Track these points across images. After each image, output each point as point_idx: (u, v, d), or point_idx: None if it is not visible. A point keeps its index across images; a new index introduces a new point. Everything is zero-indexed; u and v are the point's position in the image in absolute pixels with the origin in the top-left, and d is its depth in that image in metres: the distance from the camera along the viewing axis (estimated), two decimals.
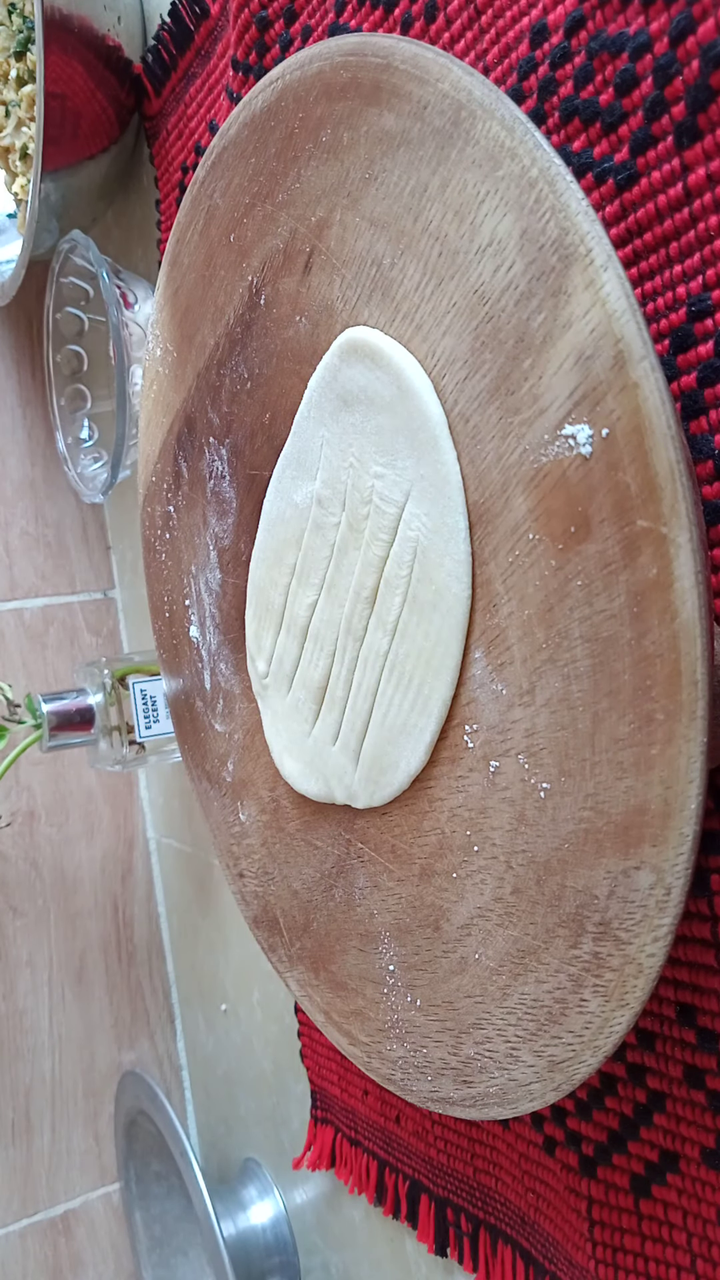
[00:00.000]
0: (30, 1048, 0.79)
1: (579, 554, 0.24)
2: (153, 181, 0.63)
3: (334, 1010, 0.39)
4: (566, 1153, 0.36)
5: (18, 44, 0.64)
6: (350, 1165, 0.53)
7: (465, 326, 0.27)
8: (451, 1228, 0.45)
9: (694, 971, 0.31)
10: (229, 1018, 0.73)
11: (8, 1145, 0.77)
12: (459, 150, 0.26)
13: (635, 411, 0.22)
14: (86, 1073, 0.81)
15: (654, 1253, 0.33)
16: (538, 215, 0.24)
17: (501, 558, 0.27)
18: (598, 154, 0.30)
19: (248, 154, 0.36)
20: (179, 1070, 0.85)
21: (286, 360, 0.36)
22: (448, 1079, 0.32)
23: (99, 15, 0.56)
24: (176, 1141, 0.60)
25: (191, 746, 0.47)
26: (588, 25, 0.30)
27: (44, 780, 0.82)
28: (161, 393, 0.44)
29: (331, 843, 0.37)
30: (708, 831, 0.30)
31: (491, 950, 0.29)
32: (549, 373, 0.24)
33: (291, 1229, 0.64)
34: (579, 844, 0.25)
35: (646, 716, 0.23)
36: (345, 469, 0.33)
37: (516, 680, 0.27)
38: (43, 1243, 0.77)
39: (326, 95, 0.31)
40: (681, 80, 0.27)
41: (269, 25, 0.45)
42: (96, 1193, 0.80)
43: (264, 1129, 0.68)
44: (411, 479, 0.30)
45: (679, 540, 0.22)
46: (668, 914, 0.23)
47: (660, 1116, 0.33)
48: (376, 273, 0.30)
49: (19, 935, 0.80)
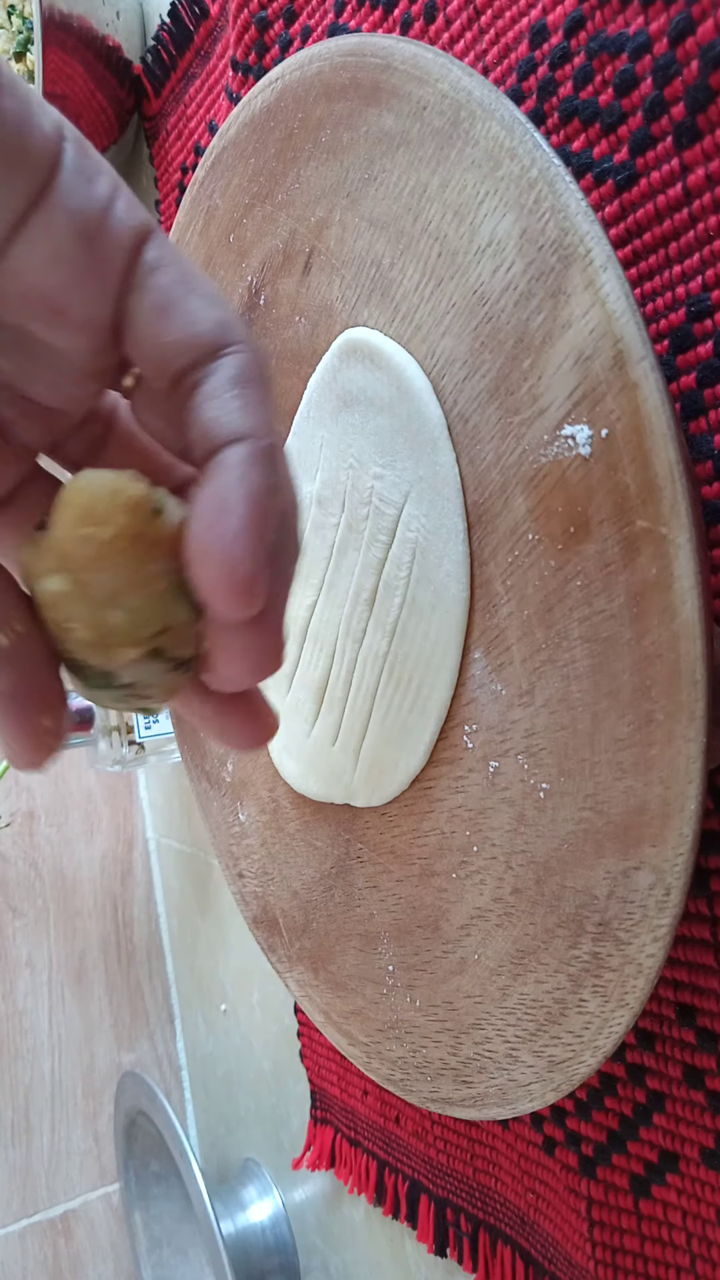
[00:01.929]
0: (30, 1048, 0.79)
1: (578, 554, 0.24)
2: (153, 182, 0.63)
3: (333, 1010, 0.39)
4: (566, 1153, 0.36)
5: (17, 45, 0.64)
6: (350, 1165, 0.53)
7: (465, 327, 0.27)
8: (451, 1228, 0.45)
9: (694, 971, 0.31)
10: (229, 1018, 0.73)
11: (7, 1145, 0.77)
12: (458, 151, 0.26)
13: (635, 412, 0.22)
14: (86, 1073, 0.81)
15: (653, 1253, 0.33)
16: (537, 216, 0.24)
17: (501, 558, 0.27)
18: (597, 154, 0.30)
19: (247, 154, 0.36)
20: (179, 1070, 0.85)
21: (286, 360, 0.36)
22: (447, 1079, 0.32)
23: (98, 15, 0.56)
24: (176, 1141, 0.60)
25: (191, 746, 0.47)
26: (587, 25, 0.30)
27: (44, 780, 0.82)
28: None
29: (331, 843, 0.37)
30: (707, 831, 0.30)
31: (491, 950, 0.29)
32: (548, 373, 0.24)
33: (291, 1229, 0.64)
34: (578, 844, 0.25)
35: (646, 717, 0.23)
36: (344, 469, 0.33)
37: (516, 680, 0.27)
38: (42, 1243, 0.77)
39: (326, 96, 0.31)
40: (681, 81, 0.27)
41: (268, 25, 0.45)
42: (96, 1193, 0.80)
43: (264, 1129, 0.68)
44: (411, 480, 0.30)
45: (678, 540, 0.22)
46: (667, 914, 0.23)
47: (660, 1117, 0.33)
48: (376, 273, 0.30)
49: (19, 935, 0.80)
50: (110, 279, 0.18)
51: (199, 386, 0.18)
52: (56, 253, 0.17)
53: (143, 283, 0.18)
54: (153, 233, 0.19)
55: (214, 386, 0.18)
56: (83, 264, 0.18)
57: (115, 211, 0.18)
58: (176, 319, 0.18)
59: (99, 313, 0.18)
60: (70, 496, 0.18)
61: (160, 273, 0.18)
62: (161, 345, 0.18)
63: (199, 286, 0.19)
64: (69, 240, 0.17)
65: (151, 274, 0.18)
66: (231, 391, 0.18)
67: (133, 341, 0.19)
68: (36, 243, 0.17)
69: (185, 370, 0.19)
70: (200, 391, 0.18)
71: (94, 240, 0.18)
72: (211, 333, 0.18)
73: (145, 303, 0.18)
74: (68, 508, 0.18)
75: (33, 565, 0.19)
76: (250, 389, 0.18)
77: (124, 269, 0.18)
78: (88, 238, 0.18)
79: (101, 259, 0.18)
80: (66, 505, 0.18)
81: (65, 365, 0.20)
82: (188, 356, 0.18)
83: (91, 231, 0.18)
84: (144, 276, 0.18)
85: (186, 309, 0.18)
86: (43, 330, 0.19)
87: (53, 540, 0.18)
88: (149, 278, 0.18)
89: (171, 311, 0.18)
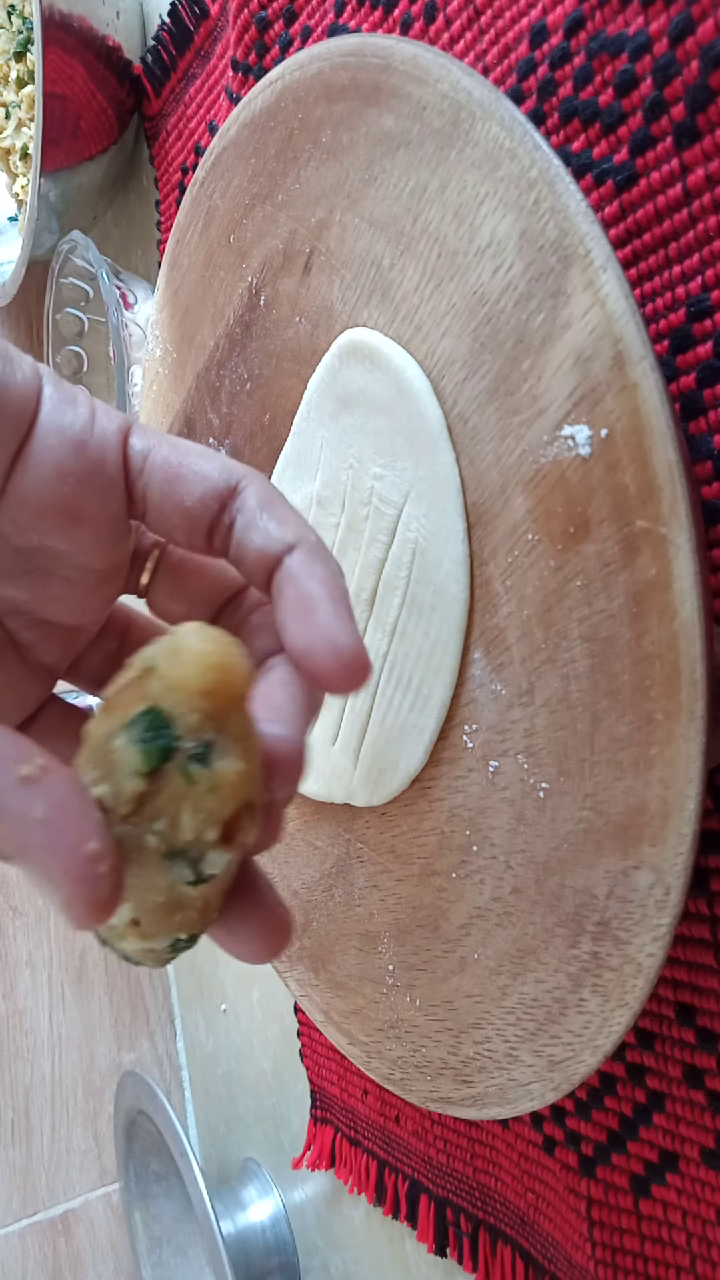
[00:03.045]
0: (30, 1048, 0.79)
1: (578, 554, 0.24)
2: (153, 182, 0.63)
3: (333, 1010, 0.39)
4: (566, 1153, 0.36)
5: (18, 45, 0.64)
6: (350, 1165, 0.53)
7: (464, 327, 0.27)
8: (451, 1228, 0.45)
9: (694, 971, 0.31)
10: (229, 1017, 0.73)
11: (8, 1145, 0.77)
12: (458, 151, 0.26)
13: (634, 412, 0.22)
14: (86, 1073, 0.81)
15: (653, 1253, 0.33)
16: (537, 216, 0.24)
17: (500, 558, 0.27)
18: (597, 155, 0.30)
19: (247, 155, 0.36)
20: (179, 1070, 0.85)
21: (286, 361, 0.36)
22: (447, 1078, 0.32)
23: (98, 15, 0.56)
24: (176, 1141, 0.60)
25: None
26: (587, 26, 0.30)
27: None
28: (161, 393, 0.44)
29: (331, 843, 0.37)
30: (707, 831, 0.30)
31: (490, 950, 0.29)
32: (548, 373, 0.24)
33: (291, 1229, 0.64)
34: (578, 844, 0.25)
35: (645, 716, 0.23)
36: (344, 470, 0.33)
37: (515, 680, 0.27)
38: (43, 1243, 0.77)
39: (326, 96, 0.31)
40: (681, 81, 0.27)
41: (269, 26, 0.45)
42: (96, 1193, 0.80)
43: (264, 1129, 0.68)
44: (410, 480, 0.30)
45: (678, 540, 0.22)
46: (667, 914, 0.23)
47: (659, 1116, 0.33)
48: (376, 273, 0.30)
49: (19, 935, 0.80)
50: (110, 474, 0.21)
51: (234, 524, 0.21)
52: (58, 469, 0.20)
53: (143, 467, 0.21)
54: (132, 426, 0.22)
55: (249, 518, 0.21)
56: (84, 470, 0.20)
57: (98, 420, 0.21)
58: (189, 482, 0.21)
59: (110, 505, 0.21)
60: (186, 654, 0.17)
61: (154, 453, 0.21)
62: (186, 509, 0.21)
63: (189, 449, 0.21)
64: (66, 455, 0.20)
65: (147, 457, 0.21)
66: (265, 515, 0.21)
67: (156, 516, 0.21)
68: (38, 466, 0.20)
69: (215, 519, 0.21)
70: (239, 527, 0.21)
71: (86, 448, 0.20)
72: (222, 480, 0.21)
73: (155, 481, 0.21)
74: (185, 665, 0.17)
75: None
76: (277, 506, 0.21)
77: (119, 461, 0.21)
78: (80, 448, 0.20)
79: (98, 460, 0.21)
80: (183, 663, 0.17)
81: (81, 577, 0.22)
82: (213, 507, 0.21)
83: (82, 442, 0.20)
84: (141, 461, 0.21)
85: (192, 471, 0.21)
86: (63, 540, 0.21)
87: (175, 691, 0.17)
88: (147, 461, 0.21)
89: (181, 478, 0.21)
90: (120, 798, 0.17)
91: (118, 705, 0.18)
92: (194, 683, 0.17)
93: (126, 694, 0.18)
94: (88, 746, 0.18)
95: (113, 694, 0.18)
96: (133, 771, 0.17)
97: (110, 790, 0.17)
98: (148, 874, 0.18)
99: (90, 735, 0.18)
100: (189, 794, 0.17)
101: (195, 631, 0.18)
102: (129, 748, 0.17)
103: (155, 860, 0.18)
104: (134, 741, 0.17)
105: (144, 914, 0.18)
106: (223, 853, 0.18)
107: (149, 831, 0.17)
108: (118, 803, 0.17)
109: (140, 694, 0.17)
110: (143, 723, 0.17)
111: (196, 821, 0.17)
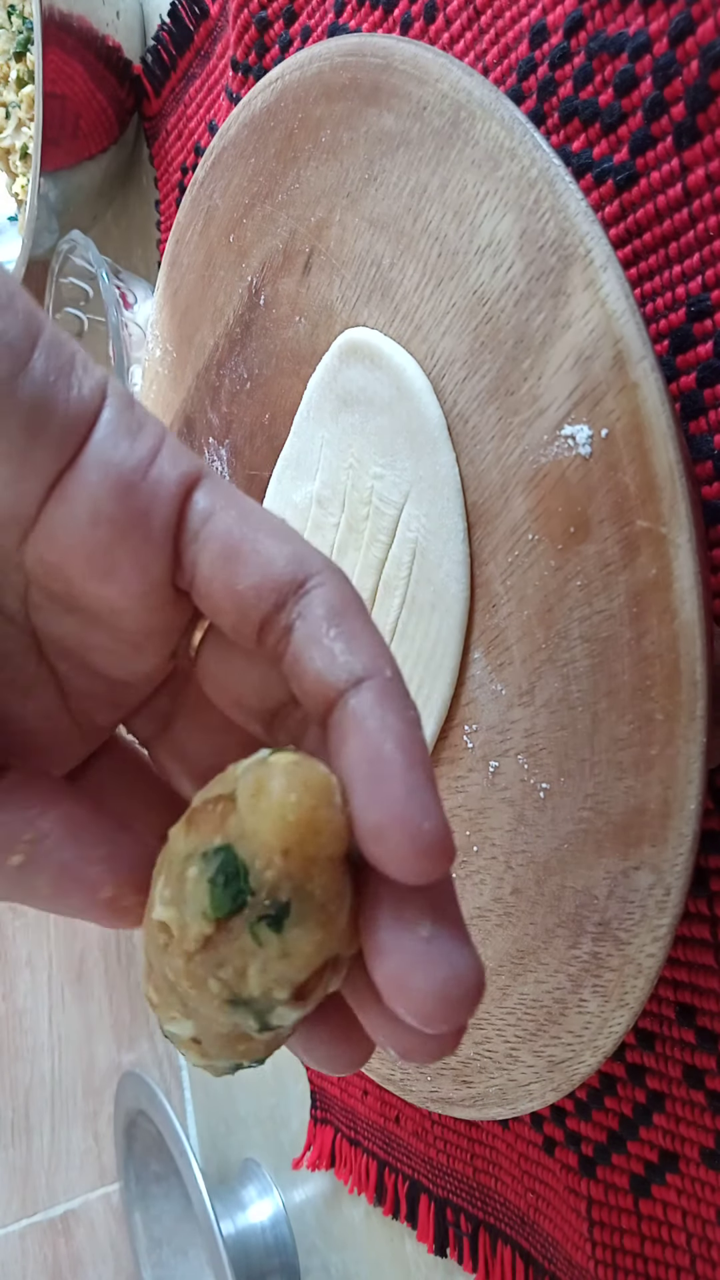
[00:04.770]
0: (30, 1048, 0.79)
1: (578, 554, 0.24)
2: (152, 182, 0.63)
3: None
4: (566, 1153, 0.36)
5: (18, 45, 0.64)
6: (350, 1165, 0.53)
7: (465, 327, 0.27)
8: (451, 1228, 0.45)
9: (694, 971, 0.31)
10: None
11: (7, 1145, 0.77)
12: (458, 151, 0.26)
13: (634, 412, 0.22)
14: (86, 1073, 0.81)
15: (653, 1253, 0.33)
16: (537, 216, 0.24)
17: (501, 558, 0.27)
18: (597, 154, 0.30)
19: (247, 154, 0.36)
20: (179, 1070, 0.85)
21: (286, 360, 0.36)
22: (447, 1079, 0.32)
23: (98, 15, 0.56)
24: (176, 1141, 0.60)
25: None
26: (587, 26, 0.30)
27: None
28: (161, 393, 0.44)
29: None
30: (707, 831, 0.30)
31: (491, 950, 0.29)
32: (548, 373, 0.24)
33: (291, 1229, 0.64)
34: (578, 844, 0.25)
35: (646, 717, 0.23)
36: (344, 469, 0.33)
37: (516, 680, 0.27)
38: (43, 1243, 0.77)
39: (326, 96, 0.31)
40: (681, 81, 0.27)
41: (268, 26, 0.45)
42: (96, 1193, 0.80)
43: (264, 1129, 0.68)
44: (411, 480, 0.30)
45: (678, 540, 0.22)
46: (667, 914, 0.23)
47: (660, 1117, 0.33)
48: (376, 273, 0.30)
49: (19, 935, 0.80)
50: (156, 529, 0.17)
51: (292, 631, 0.17)
52: (93, 510, 0.17)
53: (200, 531, 0.17)
54: (202, 479, 0.18)
55: (311, 629, 0.17)
56: (123, 517, 0.17)
57: (159, 463, 0.17)
58: (247, 563, 0.17)
59: (150, 568, 0.17)
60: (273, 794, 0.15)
61: (217, 517, 0.17)
62: (237, 594, 0.17)
63: (263, 523, 0.17)
64: (106, 498, 0.17)
65: (208, 521, 0.17)
66: (333, 630, 0.16)
67: (203, 594, 0.18)
68: (72, 503, 0.17)
69: (270, 616, 0.17)
70: (296, 637, 0.17)
71: (133, 493, 0.17)
72: (288, 569, 0.17)
73: (208, 551, 0.17)
74: (264, 815, 0.15)
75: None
76: (350, 621, 0.17)
77: (170, 519, 0.17)
78: (126, 491, 0.17)
79: (143, 510, 0.17)
80: (262, 811, 0.15)
81: (124, 629, 0.18)
82: (269, 600, 0.17)
83: (130, 485, 0.17)
84: (199, 524, 0.17)
85: (255, 550, 0.17)
86: (94, 592, 0.17)
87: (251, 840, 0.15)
88: (206, 525, 0.17)
89: (239, 555, 0.17)
90: (186, 934, 0.16)
91: (198, 824, 0.16)
92: (273, 839, 0.15)
93: (207, 816, 0.16)
94: (165, 856, 0.16)
95: (198, 805, 0.16)
96: (200, 913, 0.15)
97: (177, 920, 0.16)
98: (211, 1010, 0.16)
99: (169, 846, 0.16)
100: (258, 953, 0.15)
101: (283, 772, 0.15)
102: (200, 884, 0.15)
103: (218, 1002, 0.16)
104: (205, 880, 0.15)
105: (205, 1038, 0.17)
106: (294, 1009, 0.16)
107: (213, 975, 0.16)
108: (183, 937, 0.16)
109: (219, 824, 0.15)
110: (216, 861, 0.15)
111: (264, 981, 0.15)
